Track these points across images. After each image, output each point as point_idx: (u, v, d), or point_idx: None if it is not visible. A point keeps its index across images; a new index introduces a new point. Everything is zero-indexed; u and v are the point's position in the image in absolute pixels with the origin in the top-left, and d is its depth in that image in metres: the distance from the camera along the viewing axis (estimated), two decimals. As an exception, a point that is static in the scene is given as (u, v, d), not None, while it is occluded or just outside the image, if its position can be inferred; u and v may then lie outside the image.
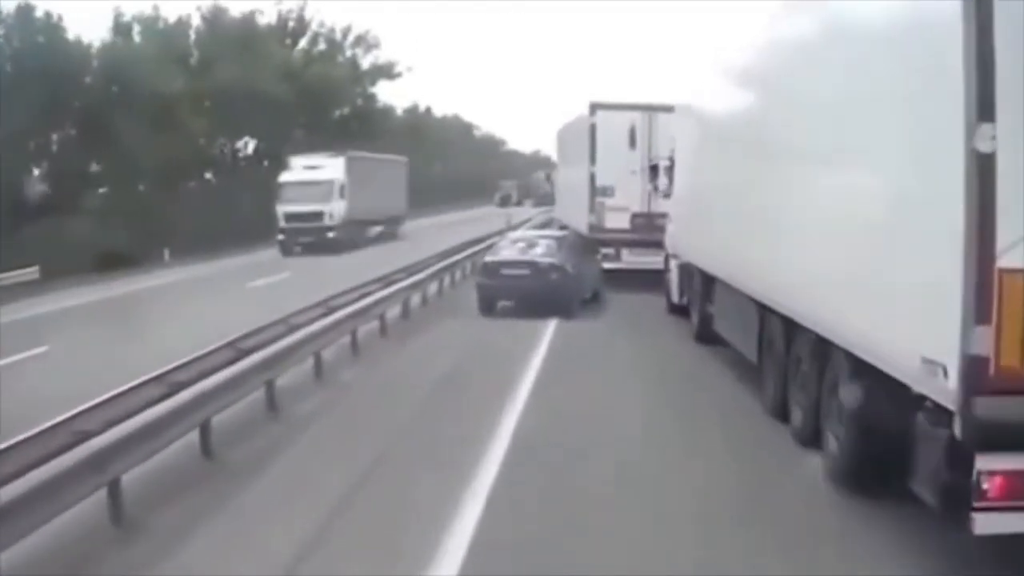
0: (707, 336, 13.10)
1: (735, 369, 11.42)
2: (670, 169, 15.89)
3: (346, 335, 13.17)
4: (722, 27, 11.61)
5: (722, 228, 11.43)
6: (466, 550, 6.21)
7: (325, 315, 13.45)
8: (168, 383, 9.25)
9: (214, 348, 10.68)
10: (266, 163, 50.92)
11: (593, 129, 19.99)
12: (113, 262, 30.61)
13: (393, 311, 16.08)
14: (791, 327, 8.58)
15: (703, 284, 13.17)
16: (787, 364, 8.91)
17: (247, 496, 7.54)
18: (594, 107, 20.11)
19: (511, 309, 16.87)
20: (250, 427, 9.39)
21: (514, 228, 31.32)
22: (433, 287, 19.35)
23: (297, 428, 9.52)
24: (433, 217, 52.47)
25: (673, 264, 15.84)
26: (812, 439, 8.14)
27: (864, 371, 6.68)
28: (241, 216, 44.19)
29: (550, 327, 15.33)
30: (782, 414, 9.02)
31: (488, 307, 16.96)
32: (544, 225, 32.01)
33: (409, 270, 20.01)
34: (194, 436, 8.25)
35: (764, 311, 9.57)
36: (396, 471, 8.08)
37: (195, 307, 19.77)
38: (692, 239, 13.82)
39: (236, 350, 10.72)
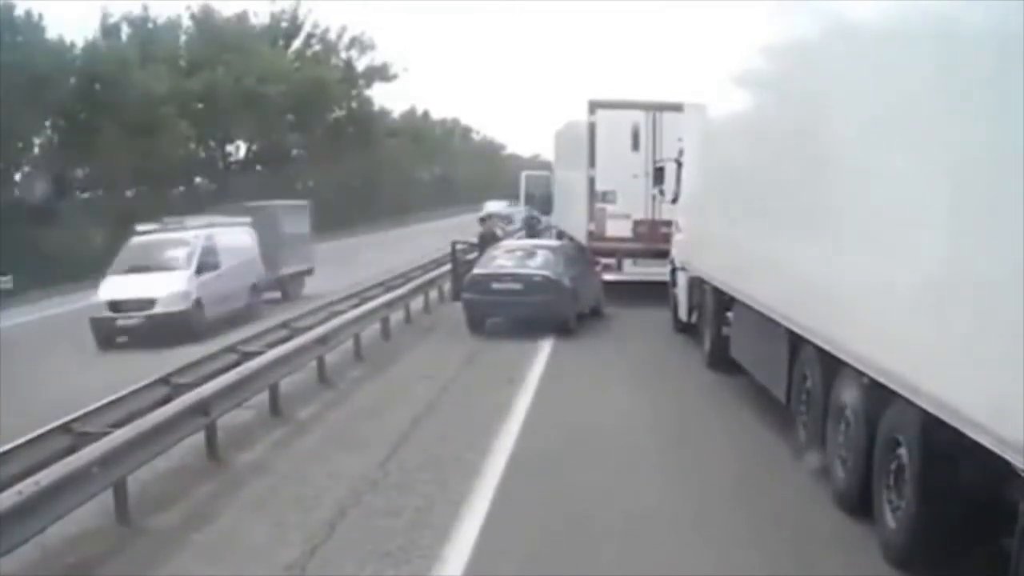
0: (721, 362, 11.56)
1: (756, 405, 9.86)
2: (677, 172, 14.44)
3: (312, 360, 11.65)
4: (741, 19, 10.10)
5: (744, 240, 9.84)
6: None
7: (288, 338, 11.86)
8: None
9: (144, 385, 9.13)
10: (258, 167, 49.72)
11: (592, 129, 18.40)
12: (92, 271, 29.72)
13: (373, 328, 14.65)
14: (832, 364, 7.02)
15: (717, 302, 11.61)
16: (826, 409, 7.34)
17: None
18: (593, 105, 18.46)
19: (503, 326, 15.34)
20: (182, 481, 7.95)
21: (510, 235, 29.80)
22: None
23: (235, 484, 8.00)
24: (425, 223, 50.89)
25: (681, 277, 14.30)
26: (860, 504, 6.60)
27: (940, 431, 5.13)
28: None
29: (543, 351, 13.80)
30: (820, 469, 7.43)
31: (477, 325, 15.41)
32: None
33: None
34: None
35: (796, 340, 8.00)
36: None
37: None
38: (704, 251, 12.26)
39: (171, 387, 9.14)
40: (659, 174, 16.07)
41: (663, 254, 16.01)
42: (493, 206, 50.97)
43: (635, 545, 6.48)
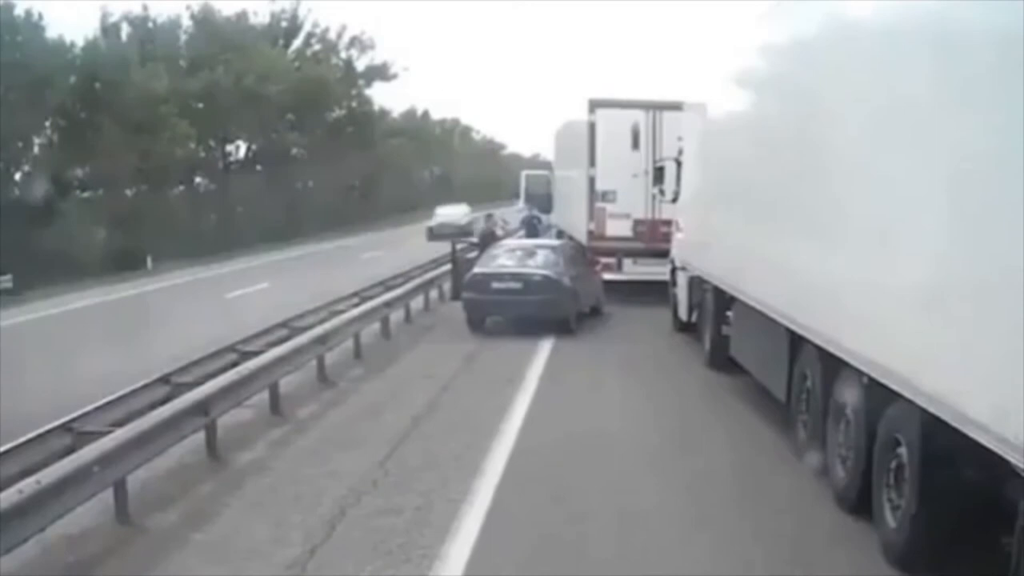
0: (721, 362, 11.56)
1: (757, 405, 9.86)
2: (677, 172, 14.45)
3: (312, 360, 11.65)
4: (741, 19, 10.11)
5: (744, 239, 9.84)
6: None
7: (287, 338, 11.86)
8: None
9: (137, 387, 9.12)
10: (258, 167, 49.74)
11: (592, 129, 18.39)
12: (92, 270, 29.83)
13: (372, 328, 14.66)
14: (832, 363, 7.02)
15: (717, 302, 11.61)
16: (826, 409, 7.35)
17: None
18: (593, 105, 18.45)
19: (503, 325, 15.36)
20: (182, 480, 7.98)
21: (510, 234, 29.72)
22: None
23: (235, 484, 8.00)
24: (424, 223, 50.67)
25: (681, 277, 14.30)
26: (860, 503, 6.60)
27: (940, 431, 5.13)
28: (232, 222, 43.12)
29: (544, 351, 13.82)
30: (820, 468, 7.44)
31: (477, 324, 15.43)
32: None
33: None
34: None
35: (796, 340, 8.01)
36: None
37: (159, 320, 18.26)
38: (704, 250, 12.26)
39: (171, 386, 9.15)
40: (659, 173, 16.09)
41: (663, 254, 16.00)
42: (446, 212, 41.18)
43: (636, 544, 6.48)
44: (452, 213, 40.36)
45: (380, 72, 55.71)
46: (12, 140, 34.29)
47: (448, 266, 19.39)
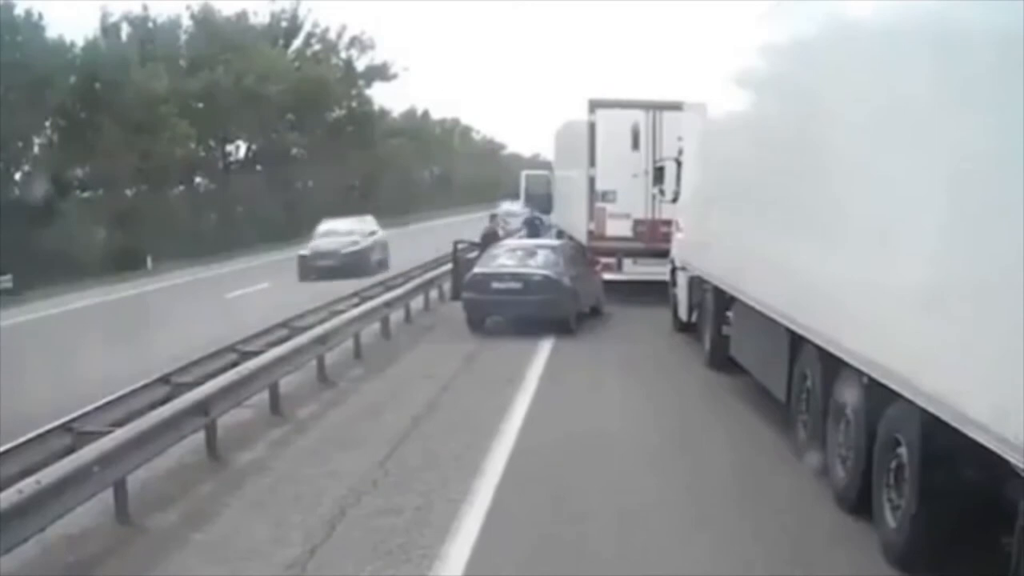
0: (720, 362, 11.57)
1: (757, 405, 9.86)
2: (677, 172, 14.47)
3: (312, 360, 11.65)
4: (741, 19, 10.11)
5: (744, 239, 9.84)
6: None
7: (287, 338, 11.86)
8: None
9: (137, 387, 9.10)
10: (258, 167, 49.73)
11: (592, 129, 18.41)
12: (92, 270, 29.89)
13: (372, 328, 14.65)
14: (832, 363, 7.02)
15: (717, 302, 11.62)
16: (826, 409, 7.35)
17: None
18: (593, 105, 18.46)
19: (503, 325, 15.36)
20: (181, 480, 7.98)
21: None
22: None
23: (235, 484, 8.00)
24: (423, 223, 50.71)
25: (681, 277, 14.31)
26: (860, 503, 6.60)
27: (940, 431, 5.13)
28: (232, 222, 43.14)
29: (544, 351, 13.81)
30: (820, 468, 7.43)
31: (477, 324, 15.45)
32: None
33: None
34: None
35: (796, 340, 8.01)
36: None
37: (159, 320, 18.28)
38: (704, 250, 12.26)
39: (171, 386, 9.15)
40: (659, 173, 16.10)
41: (663, 254, 16.01)
42: (333, 230, 27.34)
43: (636, 544, 6.48)
44: (342, 232, 26.01)
45: (380, 72, 55.68)
46: (12, 140, 34.31)
47: (448, 266, 19.41)
